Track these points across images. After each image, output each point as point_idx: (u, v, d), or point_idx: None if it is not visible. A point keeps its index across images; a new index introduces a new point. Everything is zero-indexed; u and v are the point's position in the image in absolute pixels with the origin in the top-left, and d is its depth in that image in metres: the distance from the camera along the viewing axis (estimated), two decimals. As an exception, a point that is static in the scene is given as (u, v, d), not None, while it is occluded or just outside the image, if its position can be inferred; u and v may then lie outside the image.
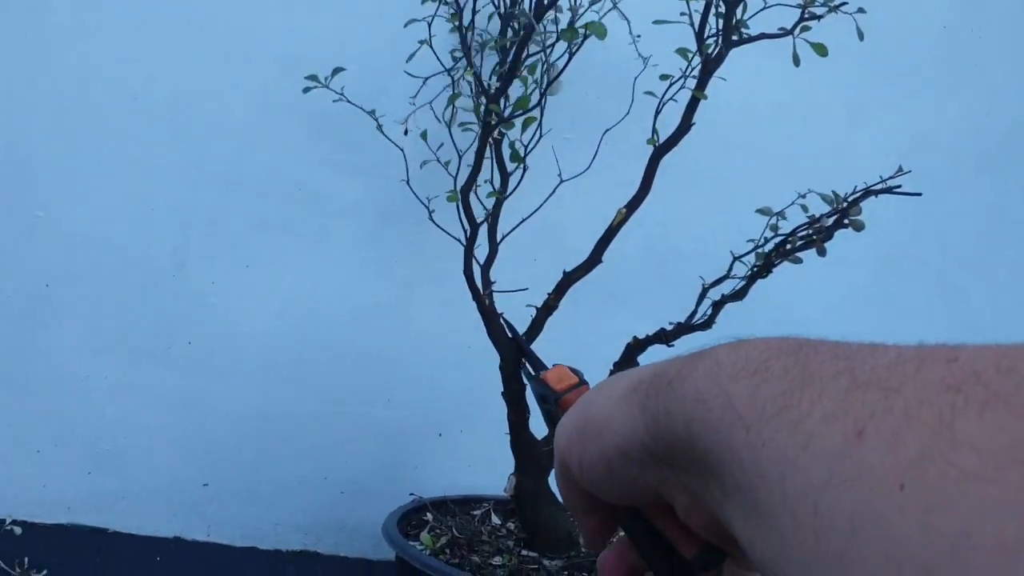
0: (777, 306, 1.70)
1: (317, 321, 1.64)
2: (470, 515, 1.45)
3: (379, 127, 1.28)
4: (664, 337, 1.29)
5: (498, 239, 1.37)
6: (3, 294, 1.56)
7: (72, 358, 1.58)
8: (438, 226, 1.32)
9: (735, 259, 1.29)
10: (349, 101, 1.39)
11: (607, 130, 1.43)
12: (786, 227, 1.25)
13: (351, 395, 1.67)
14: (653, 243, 1.72)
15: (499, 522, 1.44)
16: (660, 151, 1.24)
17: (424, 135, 1.29)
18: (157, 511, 1.64)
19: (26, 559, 1.51)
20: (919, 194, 1.20)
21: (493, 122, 1.12)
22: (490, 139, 1.17)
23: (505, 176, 1.34)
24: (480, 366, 1.66)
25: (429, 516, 1.38)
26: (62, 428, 1.60)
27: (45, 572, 1.53)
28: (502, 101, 1.15)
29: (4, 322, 1.56)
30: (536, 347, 1.64)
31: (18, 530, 1.50)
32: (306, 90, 1.38)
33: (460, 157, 1.26)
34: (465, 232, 1.26)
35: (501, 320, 1.28)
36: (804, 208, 1.27)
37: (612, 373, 1.31)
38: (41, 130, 1.53)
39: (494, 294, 1.32)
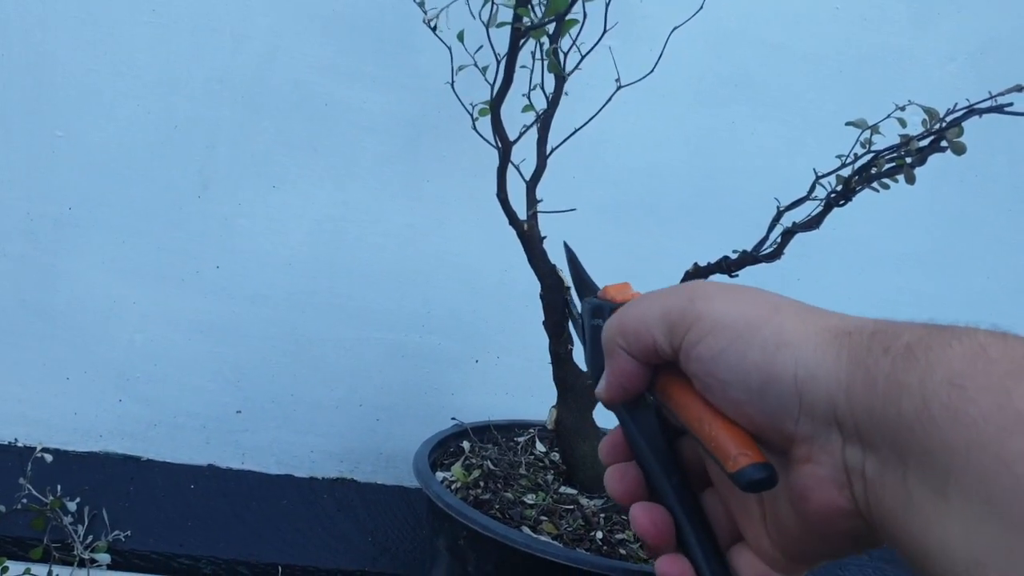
0: (846, 238, 1.59)
1: (347, 243, 1.57)
2: (513, 442, 1.38)
3: (426, 20, 1.16)
4: (727, 267, 1.20)
5: (547, 153, 1.27)
6: (27, 218, 1.50)
7: (99, 284, 1.54)
8: (481, 136, 1.22)
9: (817, 179, 1.14)
10: None
11: (674, 28, 1.30)
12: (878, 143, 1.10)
13: (384, 320, 1.61)
14: (702, 158, 1.61)
15: (544, 450, 1.37)
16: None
17: (461, 36, 1.18)
18: (190, 439, 1.61)
19: (58, 487, 1.49)
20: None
21: (522, 28, 1.01)
22: (525, 43, 1.06)
23: (560, 83, 1.23)
24: (517, 290, 1.59)
25: (467, 445, 1.31)
26: (91, 355, 1.56)
27: (78, 500, 1.51)
28: (538, 4, 1.03)
29: (29, 247, 1.51)
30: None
31: (49, 458, 1.48)
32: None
33: (499, 63, 1.15)
34: (498, 150, 1.16)
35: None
36: (901, 122, 1.11)
37: None
38: (61, 47, 1.46)
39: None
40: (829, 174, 1.17)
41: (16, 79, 1.46)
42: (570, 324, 1.22)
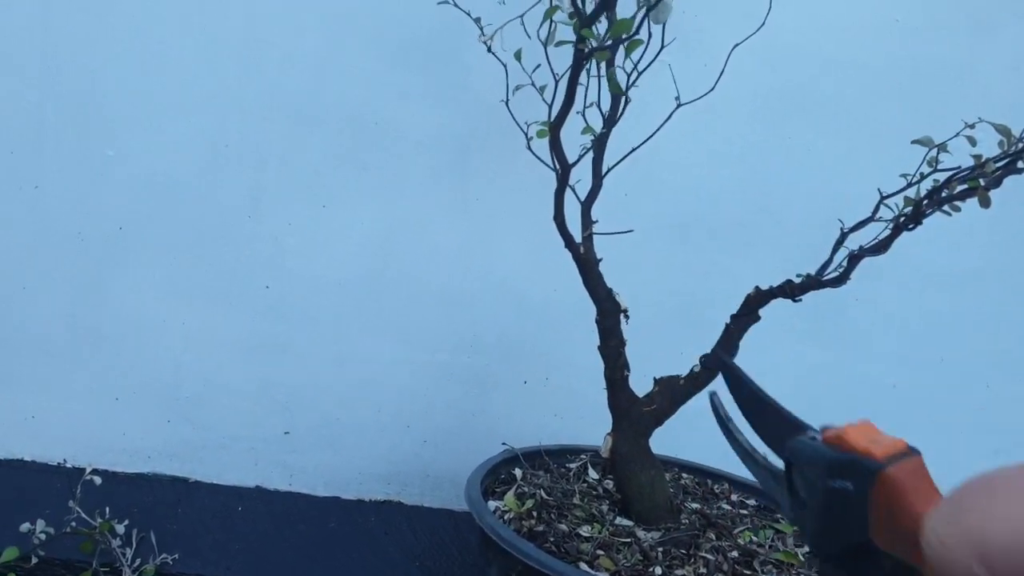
0: (903, 256, 1.53)
1: (395, 262, 1.55)
2: (565, 468, 1.35)
3: (483, 36, 1.13)
4: (790, 290, 1.16)
5: (603, 173, 1.24)
6: (78, 237, 1.50)
7: (148, 303, 1.53)
8: (536, 156, 1.19)
9: (882, 199, 1.09)
10: (456, 5, 1.22)
11: (736, 45, 1.27)
12: (946, 162, 1.05)
13: (431, 340, 1.58)
14: (759, 175, 1.57)
15: (596, 477, 1.34)
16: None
17: (518, 55, 1.16)
18: (238, 460, 1.59)
19: (107, 509, 1.48)
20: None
21: (587, 49, 0.98)
22: (587, 65, 1.03)
23: (616, 103, 1.20)
24: (565, 311, 1.56)
25: (518, 472, 1.28)
26: (140, 375, 1.55)
27: (127, 522, 1.50)
28: (599, 24, 1.00)
29: (81, 265, 1.51)
30: (621, 289, 1.54)
31: (98, 480, 1.47)
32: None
33: (556, 82, 1.12)
34: (556, 172, 1.13)
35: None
36: (971, 141, 1.05)
37: (728, 329, 1.18)
38: (112, 66, 1.45)
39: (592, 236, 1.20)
40: (894, 194, 1.12)
41: (67, 98, 1.46)
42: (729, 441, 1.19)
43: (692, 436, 1.64)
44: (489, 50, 1.10)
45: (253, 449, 1.59)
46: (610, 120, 1.22)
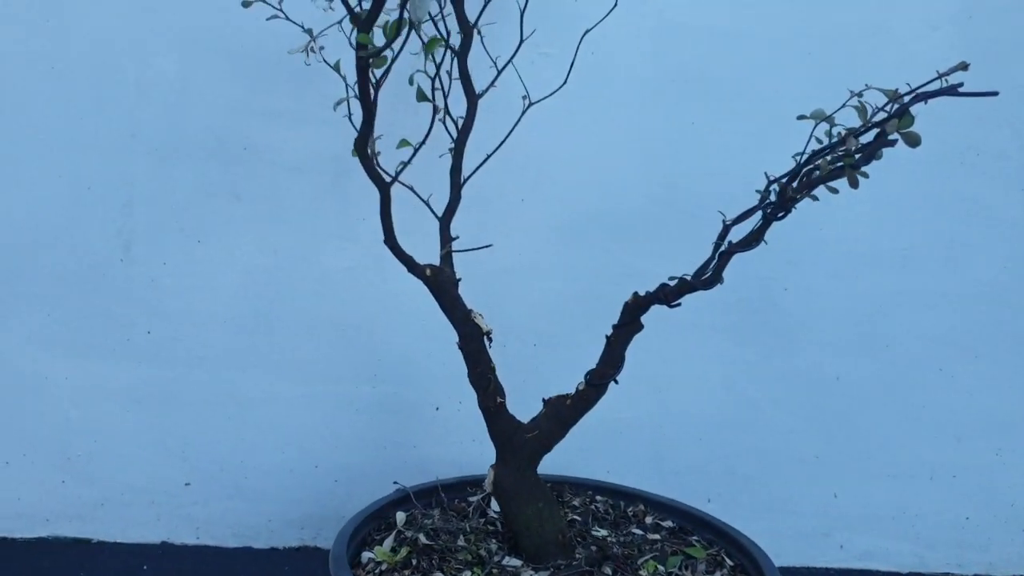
0: (835, 238, 1.42)
1: (283, 293, 1.46)
2: (465, 503, 1.25)
3: (313, 47, 1.03)
4: (665, 296, 1.04)
5: (461, 183, 1.14)
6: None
7: (27, 359, 1.45)
8: (402, 183, 1.09)
9: (769, 184, 0.97)
10: (287, 17, 1.11)
11: (586, 31, 1.16)
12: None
13: (332, 372, 1.48)
14: (659, 164, 1.45)
15: (497, 512, 1.23)
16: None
17: (337, 65, 1.06)
18: (140, 516, 1.51)
19: (-1, 580, 1.40)
20: (995, 93, 0.86)
21: (366, 56, 0.87)
22: (386, 75, 0.93)
23: (473, 101, 1.10)
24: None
25: (400, 516, 1.18)
26: (28, 435, 1.47)
27: (22, 592, 1.42)
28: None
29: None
30: (528, 300, 1.43)
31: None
32: (246, 4, 1.07)
33: (375, 93, 1.02)
34: (380, 194, 1.03)
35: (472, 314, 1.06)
36: (860, 111, 0.91)
37: (609, 341, 1.08)
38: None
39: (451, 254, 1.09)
40: (781, 178, 1.00)
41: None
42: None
43: (615, 451, 1.54)
44: (307, 62, 1.00)
45: (154, 503, 1.50)
46: (464, 128, 1.11)
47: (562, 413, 1.11)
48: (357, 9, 0.90)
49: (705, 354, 1.51)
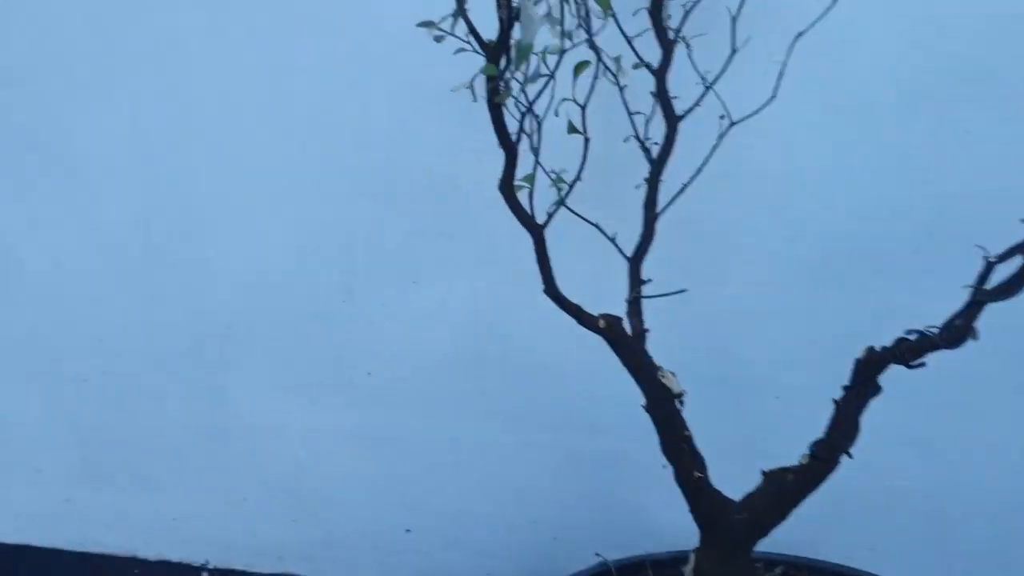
0: None
1: (498, 335, 1.38)
2: (670, 580, 1.10)
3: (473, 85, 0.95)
4: (901, 354, 0.84)
5: (655, 217, 1.01)
6: (193, 340, 1.50)
7: (262, 401, 1.49)
8: (583, 218, 0.98)
9: None
10: (475, 49, 1.05)
11: (799, 35, 0.99)
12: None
13: (548, 420, 1.38)
14: (929, 183, 1.21)
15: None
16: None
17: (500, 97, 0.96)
18: (363, 560, 1.50)
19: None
20: None
21: (500, 91, 0.76)
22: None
23: (673, 125, 0.97)
24: (698, 376, 1.30)
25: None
26: (262, 474, 1.51)
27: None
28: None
29: (197, 368, 1.50)
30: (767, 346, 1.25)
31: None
32: (438, 39, 1.01)
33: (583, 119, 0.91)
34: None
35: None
36: None
37: (838, 407, 0.90)
38: (201, 168, 1.44)
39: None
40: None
41: (167, 204, 1.46)
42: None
43: (878, 527, 1.30)
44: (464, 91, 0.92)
45: (377, 548, 1.49)
46: (662, 155, 0.98)
47: (782, 490, 0.93)
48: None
49: (1000, 413, 1.24)
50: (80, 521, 1.60)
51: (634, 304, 0.97)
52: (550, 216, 0.91)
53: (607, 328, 0.92)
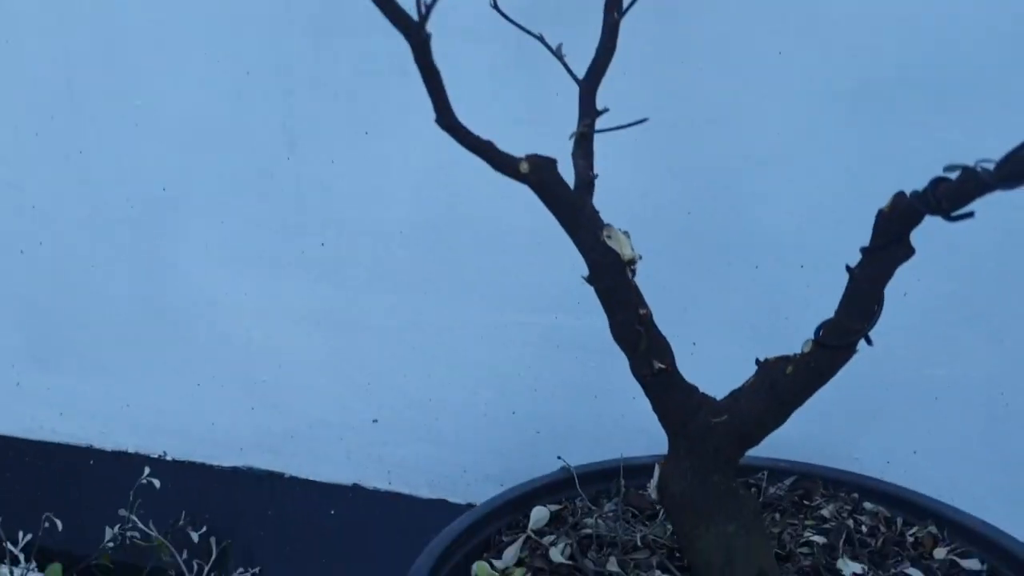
0: None
1: (467, 198, 1.15)
2: (642, 492, 0.88)
3: None
4: (937, 200, 0.58)
5: (617, 20, 0.75)
6: (127, 203, 1.30)
7: (205, 273, 1.30)
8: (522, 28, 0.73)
9: None
10: None
11: None
12: None
13: (527, 298, 1.15)
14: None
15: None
16: None
17: None
18: (330, 452, 1.32)
19: (183, 513, 1.29)
20: None
21: None
22: None
23: None
24: (713, 238, 1.06)
25: (537, 514, 0.84)
26: (215, 357, 1.33)
27: (204, 529, 1.30)
28: None
29: (134, 236, 1.32)
30: (788, 200, 0.99)
31: (157, 483, 1.28)
32: None
33: None
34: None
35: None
36: None
37: (856, 272, 0.65)
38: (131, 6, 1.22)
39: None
40: None
41: (87, 53, 1.25)
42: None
43: (922, 427, 1.05)
44: None
45: (343, 439, 1.30)
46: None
47: (778, 386, 0.69)
48: None
49: None
50: (32, 407, 1.46)
51: (583, 141, 0.72)
52: (429, 8, 0.66)
53: (531, 173, 0.67)
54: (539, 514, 0.84)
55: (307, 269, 1.24)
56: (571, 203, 0.68)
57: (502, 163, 0.66)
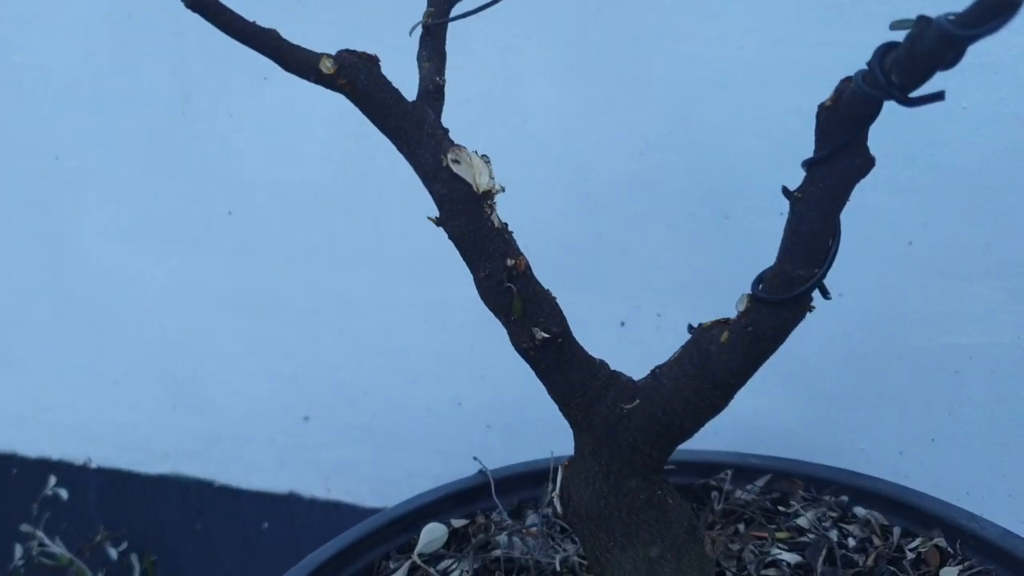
0: None
1: (382, 150, 0.96)
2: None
3: None
4: (887, 74, 0.39)
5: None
6: (15, 177, 1.15)
7: (108, 254, 1.14)
8: None
9: None
10: None
11: None
12: None
13: (462, 268, 0.97)
14: None
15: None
16: None
17: None
18: (260, 457, 1.15)
19: (101, 528, 1.13)
20: None
21: None
22: None
23: None
24: (654, 182, 0.87)
25: (429, 532, 0.66)
26: (128, 350, 1.17)
27: (124, 545, 1.14)
28: None
29: (34, 215, 1.16)
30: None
31: (64, 494, 1.12)
32: None
33: None
34: None
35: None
36: None
37: (795, 197, 0.46)
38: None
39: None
40: None
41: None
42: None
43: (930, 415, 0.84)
44: None
45: (274, 442, 1.13)
46: None
47: (711, 360, 0.50)
48: None
49: None
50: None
51: (428, 36, 0.53)
52: None
53: (340, 76, 0.49)
54: (432, 534, 0.66)
55: (216, 243, 1.07)
56: (403, 116, 0.49)
57: (295, 63, 0.48)
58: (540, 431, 1.00)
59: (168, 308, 1.12)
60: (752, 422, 0.88)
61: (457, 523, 0.69)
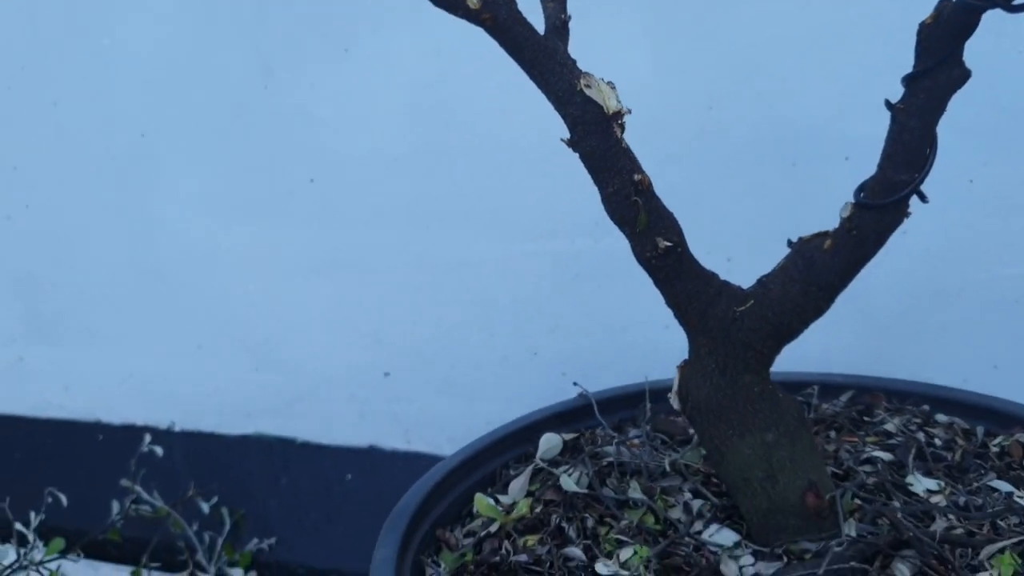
0: None
1: (461, 121, 1.03)
2: (674, 418, 0.75)
3: None
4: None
5: None
6: (107, 155, 1.21)
7: (196, 225, 1.20)
8: None
9: None
10: None
11: None
12: None
13: (537, 223, 1.03)
14: None
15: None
16: None
17: None
18: (341, 413, 1.21)
19: (192, 484, 1.19)
20: None
21: None
22: None
23: None
24: (719, 127, 0.93)
25: (547, 441, 0.72)
26: (212, 316, 1.23)
27: (215, 499, 1.21)
28: None
29: (121, 192, 1.22)
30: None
31: (159, 450, 1.18)
32: None
33: None
34: None
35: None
36: None
37: (897, 108, 0.52)
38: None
39: None
40: None
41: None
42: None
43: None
44: None
45: (355, 398, 1.19)
46: None
47: (816, 265, 0.56)
48: None
49: None
50: (37, 383, 1.38)
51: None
52: None
53: (482, 10, 0.55)
54: (550, 442, 0.72)
55: (297, 210, 1.13)
56: (538, 47, 0.55)
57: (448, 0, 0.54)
58: (613, 376, 1.06)
59: (250, 274, 1.18)
60: (824, 359, 0.93)
61: (566, 436, 0.74)
